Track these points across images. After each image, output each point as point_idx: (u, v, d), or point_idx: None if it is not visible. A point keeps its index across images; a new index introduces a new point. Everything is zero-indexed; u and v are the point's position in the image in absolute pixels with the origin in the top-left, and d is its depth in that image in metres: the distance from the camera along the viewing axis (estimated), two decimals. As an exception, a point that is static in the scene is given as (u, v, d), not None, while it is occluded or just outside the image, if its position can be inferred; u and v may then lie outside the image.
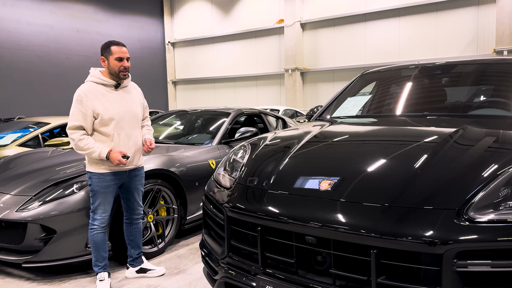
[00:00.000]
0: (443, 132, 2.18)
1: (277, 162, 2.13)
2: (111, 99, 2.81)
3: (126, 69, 2.82)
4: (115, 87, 2.85)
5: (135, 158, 2.89)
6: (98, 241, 2.82)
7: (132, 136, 2.85)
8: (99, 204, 2.81)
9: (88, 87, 2.81)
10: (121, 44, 2.89)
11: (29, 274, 3.17)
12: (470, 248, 1.44)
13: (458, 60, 3.47)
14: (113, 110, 2.78)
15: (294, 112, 11.12)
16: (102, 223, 2.82)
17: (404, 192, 1.65)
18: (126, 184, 2.91)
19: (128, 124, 2.83)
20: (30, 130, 5.83)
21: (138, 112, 2.93)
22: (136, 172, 2.94)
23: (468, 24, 12.94)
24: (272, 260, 1.88)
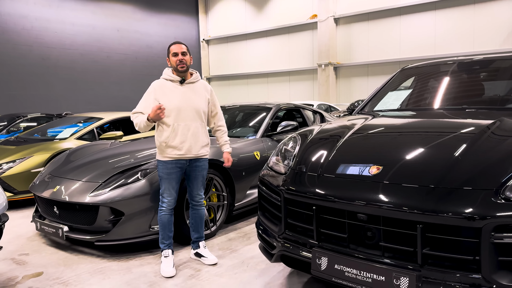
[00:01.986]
0: (481, 124, 2.37)
1: (328, 151, 2.40)
2: (175, 93, 3.16)
3: (182, 61, 3.14)
4: (180, 83, 3.19)
5: (194, 148, 3.18)
6: (165, 221, 3.17)
7: (191, 128, 3.16)
8: (165, 189, 3.16)
9: (159, 82, 3.22)
10: (179, 43, 3.23)
11: (99, 252, 3.57)
12: (506, 222, 1.66)
13: (495, 55, 3.59)
14: (175, 103, 3.12)
15: (328, 107, 11.27)
16: (169, 206, 3.17)
17: (446, 175, 1.88)
18: (188, 172, 3.24)
19: (188, 116, 3.14)
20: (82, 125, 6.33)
21: (200, 107, 3.21)
22: (197, 163, 3.23)
23: (507, 17, 12.64)
24: (326, 235, 2.14)
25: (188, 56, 3.19)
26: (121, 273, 3.14)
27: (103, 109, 14.40)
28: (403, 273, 1.80)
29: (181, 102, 3.13)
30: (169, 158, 3.14)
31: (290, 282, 2.90)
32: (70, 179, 3.77)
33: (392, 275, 1.82)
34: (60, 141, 5.78)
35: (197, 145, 3.19)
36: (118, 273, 3.15)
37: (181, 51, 3.16)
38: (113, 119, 6.57)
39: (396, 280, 1.81)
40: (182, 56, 3.15)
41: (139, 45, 17.50)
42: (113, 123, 6.80)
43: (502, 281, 1.66)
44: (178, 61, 3.14)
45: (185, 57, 3.17)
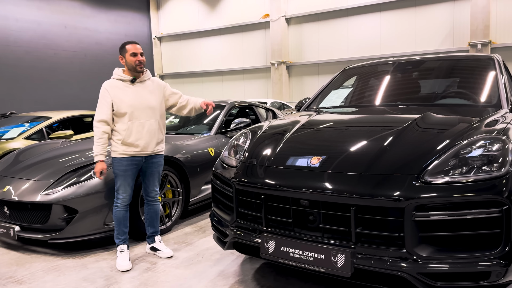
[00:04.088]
0: (409, 118, 2.66)
1: (275, 145, 2.60)
2: (127, 92, 3.22)
3: (141, 62, 3.23)
4: (132, 82, 3.26)
5: (150, 145, 3.26)
6: (120, 217, 3.24)
7: (146, 125, 3.23)
8: (120, 186, 3.23)
9: (109, 83, 3.27)
10: (134, 42, 3.29)
11: (53, 250, 3.57)
12: (424, 202, 1.93)
13: (428, 57, 3.96)
14: (128, 102, 3.19)
15: (281, 105, 11.58)
16: (124, 202, 3.24)
17: (375, 163, 2.14)
18: (144, 169, 3.32)
19: (142, 114, 3.22)
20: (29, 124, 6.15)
21: (153, 104, 3.29)
22: (153, 160, 3.31)
23: (445, 19, 13.57)
24: (273, 221, 2.34)
25: (144, 56, 3.28)
26: (76, 269, 3.18)
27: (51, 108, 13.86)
28: (340, 250, 2.03)
29: (133, 101, 3.21)
30: (125, 155, 3.21)
31: (243, 269, 3.08)
32: (21, 178, 3.73)
33: (330, 253, 2.05)
34: (7, 141, 5.61)
35: (153, 142, 3.28)
36: (73, 269, 3.19)
37: (139, 51, 3.24)
38: (63, 118, 6.45)
39: (334, 257, 2.04)
40: (141, 56, 3.23)
41: (88, 42, 16.96)
42: (62, 122, 6.66)
43: (423, 253, 1.93)
44: (137, 61, 3.21)
45: (143, 57, 3.26)
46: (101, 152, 3.17)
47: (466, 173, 1.98)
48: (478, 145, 2.10)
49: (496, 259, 1.87)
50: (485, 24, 12.46)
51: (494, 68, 3.31)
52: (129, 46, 3.24)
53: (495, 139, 2.12)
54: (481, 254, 1.89)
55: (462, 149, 2.09)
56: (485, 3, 12.41)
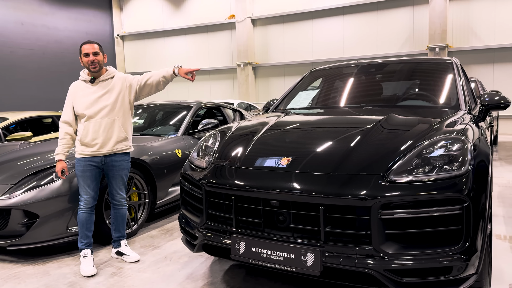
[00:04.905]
0: (373, 119, 2.74)
1: (245, 146, 2.61)
2: (86, 93, 3.17)
3: (94, 62, 3.14)
4: (91, 82, 3.19)
5: (108, 144, 3.15)
6: (83, 220, 3.14)
7: (102, 124, 3.14)
8: (81, 187, 3.14)
9: (75, 84, 3.24)
10: (91, 42, 3.20)
11: (12, 257, 3.41)
12: (390, 201, 1.99)
13: (390, 60, 4.09)
14: (85, 103, 3.14)
15: (248, 105, 11.60)
16: (87, 204, 3.14)
17: (342, 163, 2.19)
18: (106, 171, 3.23)
19: (99, 113, 3.13)
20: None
21: (111, 102, 3.17)
22: (114, 162, 3.21)
23: (405, 23, 14.08)
24: (244, 222, 2.35)
25: (101, 56, 3.18)
26: (38, 277, 3.05)
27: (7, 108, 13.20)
28: (309, 249, 2.06)
29: (90, 101, 3.15)
30: (83, 156, 3.15)
31: (212, 270, 3.06)
32: (-24, 183, 3.53)
33: (300, 252, 2.07)
34: (-41, 143, 5.29)
35: (112, 141, 3.18)
36: (34, 276, 3.06)
37: (93, 51, 3.15)
38: (20, 119, 6.16)
39: (303, 256, 2.06)
40: (94, 56, 3.14)
41: (47, 40, 16.32)
42: (20, 124, 6.37)
43: (389, 250, 1.99)
44: (89, 61, 3.13)
45: (97, 57, 3.16)
46: (62, 152, 3.16)
47: (428, 172, 2.06)
48: (440, 145, 2.19)
49: (457, 254, 1.96)
50: (443, 29, 13.02)
51: (453, 71, 3.46)
52: (84, 46, 3.19)
53: (455, 139, 2.21)
54: (443, 250, 1.97)
55: (425, 149, 2.18)
56: (442, 9, 12.98)
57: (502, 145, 9.71)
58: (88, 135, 3.12)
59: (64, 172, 3.17)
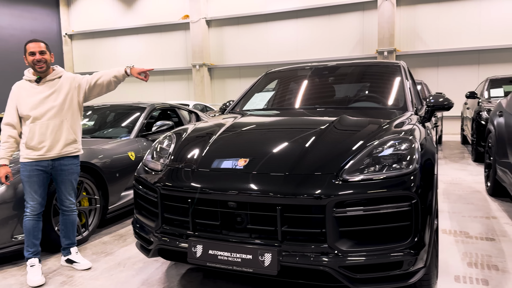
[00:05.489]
0: (327, 120, 2.81)
1: (202, 147, 2.58)
2: (32, 93, 3.02)
3: (40, 61, 2.99)
4: (37, 82, 3.03)
5: (56, 147, 3.02)
6: (29, 227, 2.97)
7: (50, 126, 3.00)
8: (27, 193, 2.97)
9: (18, 84, 3.06)
10: (36, 41, 3.04)
11: (-51, 271, 3.16)
12: (343, 199, 2.05)
13: (342, 63, 4.21)
14: (30, 104, 2.98)
15: (204, 107, 11.51)
16: (33, 211, 2.97)
17: (298, 163, 2.23)
18: (54, 175, 3.08)
19: (46, 115, 2.99)
20: None
21: (59, 103, 3.04)
22: (63, 166, 3.07)
23: (355, 27, 14.57)
24: (201, 225, 2.32)
25: (47, 55, 3.04)
26: (-22, 291, 2.85)
27: None
28: (267, 249, 2.08)
29: (36, 102, 3.00)
30: (29, 160, 2.98)
31: (168, 276, 3.00)
32: None
33: (257, 252, 2.08)
34: None
35: (60, 143, 3.04)
36: (-26, 290, 2.86)
37: (39, 49, 2.99)
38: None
39: (261, 256, 2.07)
40: (40, 55, 2.99)
41: (-12, 37, 15.34)
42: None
43: (343, 248, 2.05)
44: (35, 60, 2.98)
45: (44, 56, 3.01)
46: (4, 156, 2.97)
47: (379, 171, 2.14)
48: (389, 144, 2.29)
49: (407, 249, 2.05)
50: (391, 33, 13.60)
51: (401, 74, 3.62)
52: (29, 45, 3.03)
53: (403, 139, 2.32)
54: (394, 245, 2.05)
55: (375, 149, 2.26)
56: (390, 14, 13.56)
57: (446, 144, 10.30)
58: (34, 138, 2.96)
59: (8, 177, 2.97)
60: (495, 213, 4.23)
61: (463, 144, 10.22)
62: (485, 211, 4.33)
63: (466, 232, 3.69)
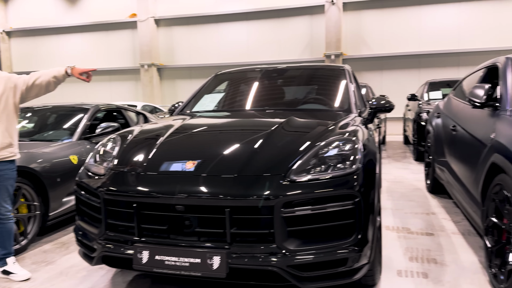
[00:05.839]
0: (276, 122, 2.85)
1: (148, 150, 2.52)
2: None
3: None
4: None
5: None
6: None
7: None
8: None
9: None
10: None
11: None
12: (291, 199, 2.07)
13: (291, 65, 4.29)
14: None
15: (153, 108, 11.25)
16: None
17: (247, 165, 2.23)
18: (-13, 181, 2.87)
19: None
20: None
21: None
22: None
23: (304, 31, 14.90)
24: (147, 230, 2.26)
25: None
26: None
27: None
28: (215, 252, 2.06)
29: None
30: None
31: (113, 283, 2.89)
32: None
33: (206, 256, 2.06)
34: None
35: None
36: None
37: None
38: None
39: (209, 260, 2.05)
40: None
41: None
42: None
43: (290, 247, 2.07)
44: None
45: None
46: None
47: (324, 171, 2.20)
48: (334, 145, 2.35)
49: (351, 246, 2.11)
50: (337, 38, 14.05)
51: (345, 77, 3.75)
52: None
53: (347, 140, 2.39)
54: (339, 243, 2.11)
55: (321, 150, 2.32)
56: (337, 19, 14.01)
57: (390, 144, 10.80)
58: None
59: None
60: (434, 209, 4.48)
61: (405, 144, 10.76)
62: (425, 207, 4.58)
63: (407, 228, 3.88)
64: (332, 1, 13.93)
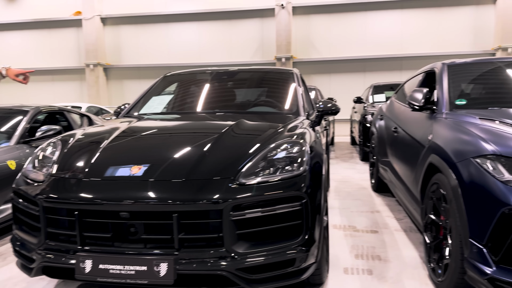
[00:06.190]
0: (226, 124, 2.84)
1: (90, 155, 2.41)
2: None
3: None
4: None
5: None
6: None
7: None
8: None
9: None
10: None
11: None
12: (239, 202, 2.07)
13: (242, 68, 4.29)
14: None
15: (99, 109, 10.84)
16: None
17: (196, 169, 2.21)
18: None
19: None
20: None
21: None
22: None
23: (255, 33, 15.03)
24: (90, 238, 2.16)
25: None
26: None
27: None
28: (162, 259, 2.01)
29: None
30: None
31: (56, 295, 2.75)
32: None
33: (152, 263, 2.01)
34: None
35: None
36: None
37: None
38: None
39: (156, 267, 2.00)
40: None
41: None
42: None
43: (239, 250, 2.07)
44: None
45: None
46: None
47: (273, 173, 2.22)
48: (282, 148, 2.38)
49: (299, 246, 2.15)
50: (288, 41, 14.30)
51: (294, 80, 3.82)
52: None
53: (294, 143, 2.44)
54: (287, 244, 2.14)
55: (270, 152, 2.34)
56: (287, 22, 14.26)
57: (338, 145, 11.14)
58: None
59: None
60: (378, 208, 4.68)
61: (352, 144, 11.15)
62: (370, 206, 4.77)
63: (354, 226, 4.02)
64: (282, 5, 14.17)
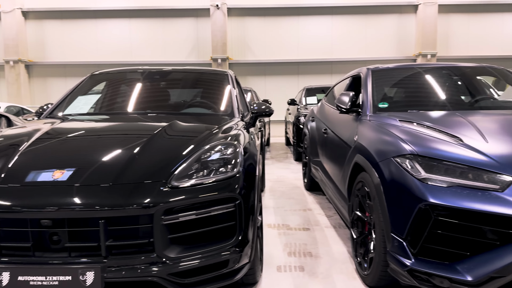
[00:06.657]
0: (158, 126, 2.77)
1: (7, 159, 2.23)
2: None
3: None
4: None
5: None
6: None
7: None
8: None
9: None
10: None
11: None
12: (171, 206, 2.04)
13: (175, 68, 4.18)
14: None
15: (19, 109, 10.05)
16: None
17: (125, 172, 2.13)
18: None
19: None
20: None
21: None
22: None
23: (191, 33, 14.86)
24: (8, 249, 2.00)
25: None
26: None
27: None
28: (89, 268, 1.91)
29: None
30: None
31: (-33, 313, 2.50)
32: None
33: (78, 272, 1.90)
34: None
35: None
36: None
37: None
38: None
39: (82, 276, 1.90)
40: None
41: None
42: None
43: (171, 255, 2.03)
44: None
45: None
46: None
47: (207, 175, 2.21)
48: (216, 149, 2.38)
49: (233, 247, 2.16)
50: (223, 42, 14.31)
51: (229, 82, 3.83)
52: None
53: (228, 144, 2.44)
54: (221, 245, 2.14)
55: (204, 154, 2.33)
56: (222, 23, 14.27)
57: (274, 146, 11.36)
58: None
59: None
60: (310, 206, 4.84)
61: (287, 145, 11.44)
62: (303, 204, 4.92)
63: (287, 224, 4.13)
64: (217, 6, 14.16)
